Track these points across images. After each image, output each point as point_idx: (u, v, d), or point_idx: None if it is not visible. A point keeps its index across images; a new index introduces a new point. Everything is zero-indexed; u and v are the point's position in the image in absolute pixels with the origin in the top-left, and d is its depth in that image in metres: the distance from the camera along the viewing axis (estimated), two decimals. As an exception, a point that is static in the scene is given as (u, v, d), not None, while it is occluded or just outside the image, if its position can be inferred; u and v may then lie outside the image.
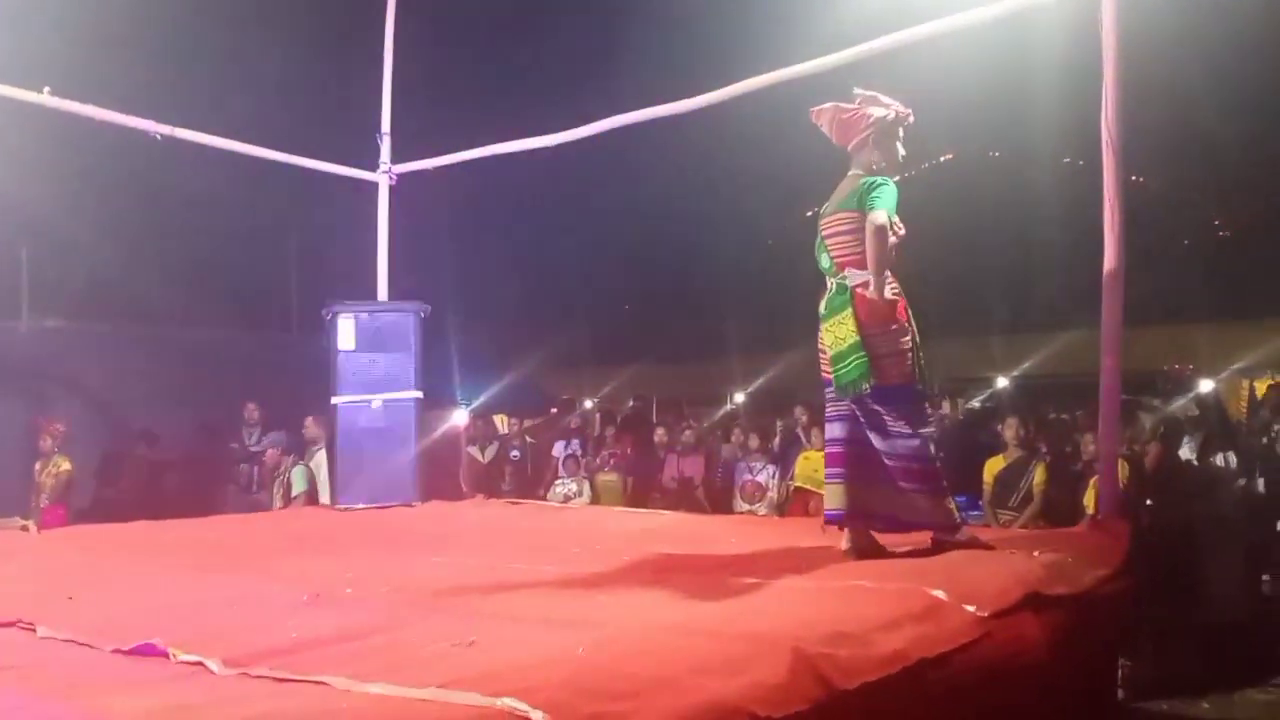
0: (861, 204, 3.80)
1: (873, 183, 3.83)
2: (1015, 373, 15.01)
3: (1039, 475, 6.30)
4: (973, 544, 3.82)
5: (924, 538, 3.92)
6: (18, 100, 5.60)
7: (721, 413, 13.52)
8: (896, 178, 3.95)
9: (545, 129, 6.51)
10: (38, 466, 7.46)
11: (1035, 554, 3.66)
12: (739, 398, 17.13)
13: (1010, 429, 6.60)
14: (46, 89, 5.63)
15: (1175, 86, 16.86)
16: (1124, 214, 4.28)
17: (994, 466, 6.57)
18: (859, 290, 3.79)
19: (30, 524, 5.60)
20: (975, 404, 11.88)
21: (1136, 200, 4.46)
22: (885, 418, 3.83)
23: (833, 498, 3.89)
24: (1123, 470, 4.86)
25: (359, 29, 8.20)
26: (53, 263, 10.77)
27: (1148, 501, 5.88)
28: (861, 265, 3.80)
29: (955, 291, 19.64)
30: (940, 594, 2.93)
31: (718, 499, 8.51)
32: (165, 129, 6.08)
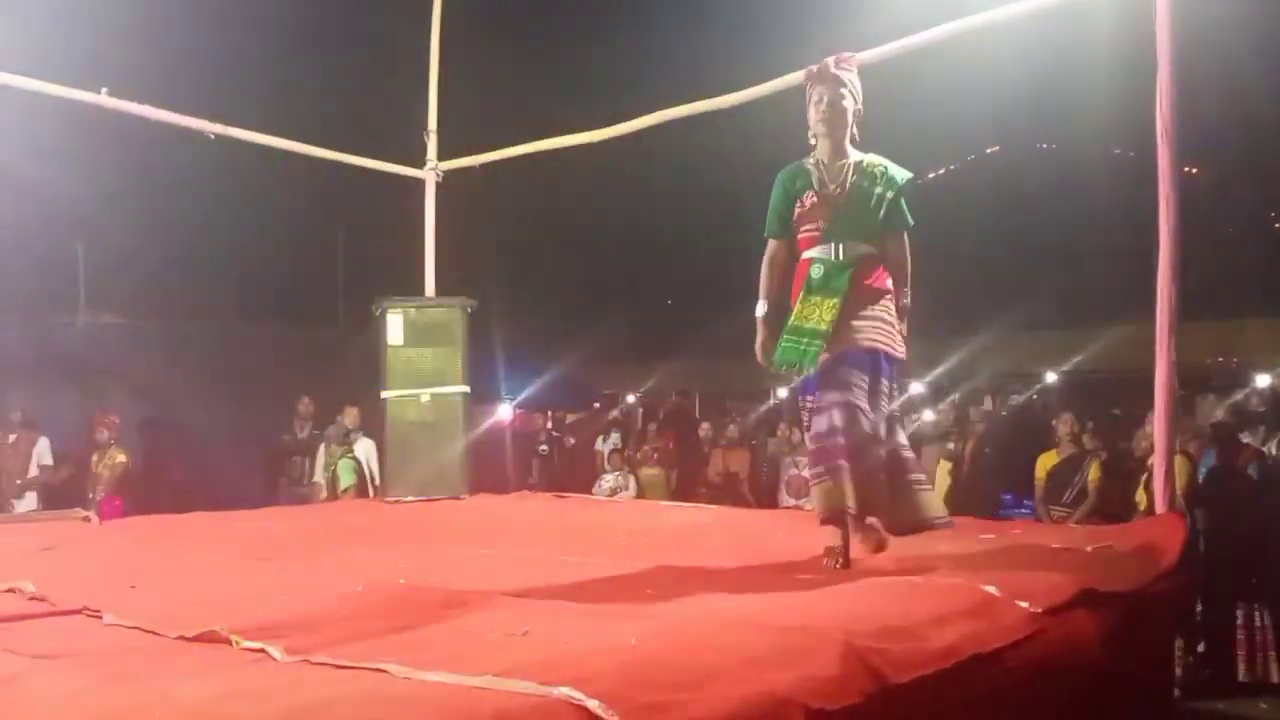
0: None
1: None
2: (1065, 367, 14.79)
3: (1093, 472, 6.23)
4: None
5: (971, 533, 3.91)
6: (76, 101, 5.73)
7: (765, 408, 13.49)
8: (809, 160, 3.80)
9: (591, 124, 6.52)
10: (95, 458, 7.65)
11: (1089, 550, 3.62)
12: (782, 393, 17.07)
13: (1064, 425, 6.53)
14: (104, 90, 5.74)
15: (1229, 75, 16.48)
16: (1180, 205, 4.20)
17: (1046, 462, 6.50)
18: None
19: (90, 515, 5.75)
20: (1022, 399, 11.74)
21: (1188, 192, 4.35)
22: None
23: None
24: (1180, 467, 4.78)
25: (405, 28, 8.29)
26: (108, 260, 11.01)
27: (1203, 499, 5.78)
28: None
29: (1003, 285, 19.39)
30: (992, 589, 2.91)
31: (763, 494, 8.52)
32: (218, 128, 6.19)
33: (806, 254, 3.67)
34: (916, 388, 11.41)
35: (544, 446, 10.42)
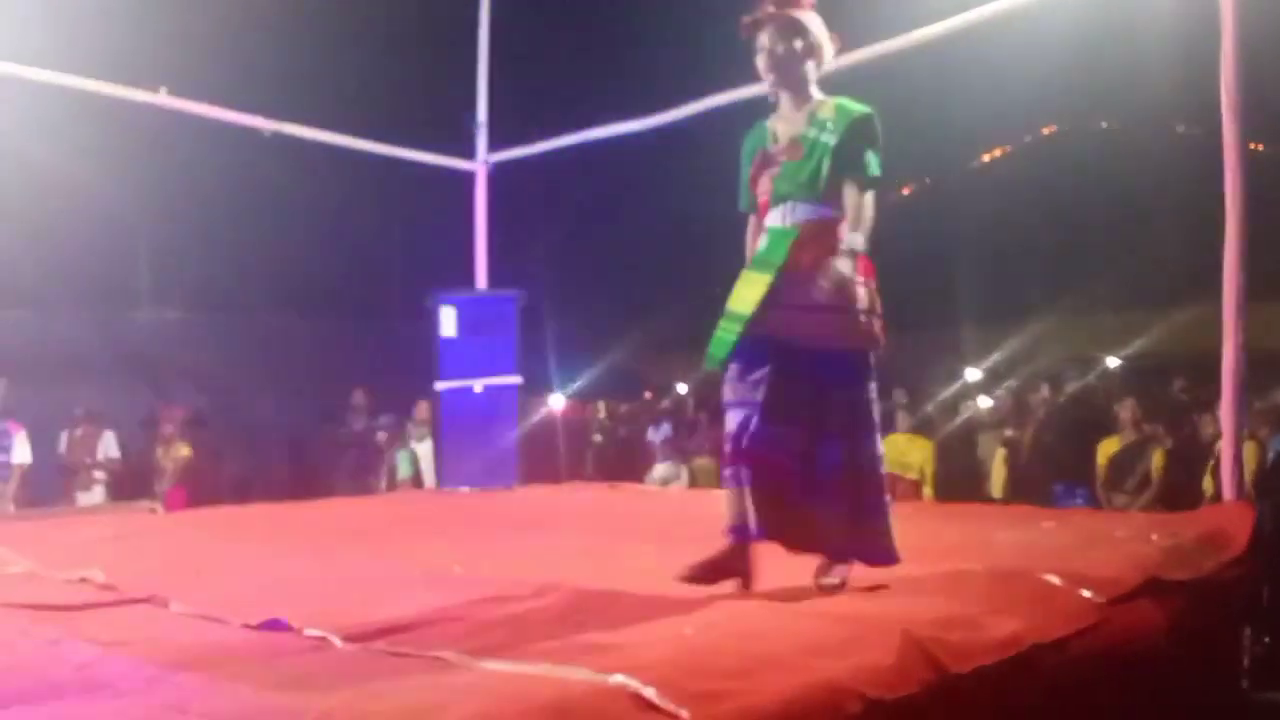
0: None
1: None
2: (1127, 352, 14.46)
3: (1157, 459, 6.10)
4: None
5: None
6: (137, 101, 5.86)
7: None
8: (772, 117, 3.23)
9: (641, 110, 6.51)
10: (159, 451, 7.85)
11: (1154, 538, 3.54)
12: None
13: (1126, 410, 6.39)
14: (163, 89, 5.86)
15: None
16: (1246, 182, 4.08)
17: (1108, 449, 6.38)
18: None
19: (156, 506, 5.90)
20: (1081, 384, 11.51)
21: (1254, 169, 4.22)
22: None
23: None
24: (1249, 453, 4.65)
25: (454, 19, 8.33)
26: (169, 256, 11.27)
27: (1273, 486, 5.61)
28: None
29: (1061, 267, 18.99)
30: (1054, 579, 2.86)
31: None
32: (273, 125, 6.29)
33: (764, 221, 3.10)
34: (973, 373, 11.24)
35: (598, 436, 10.46)
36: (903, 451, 7.58)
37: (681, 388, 15.23)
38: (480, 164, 7.29)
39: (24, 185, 8.55)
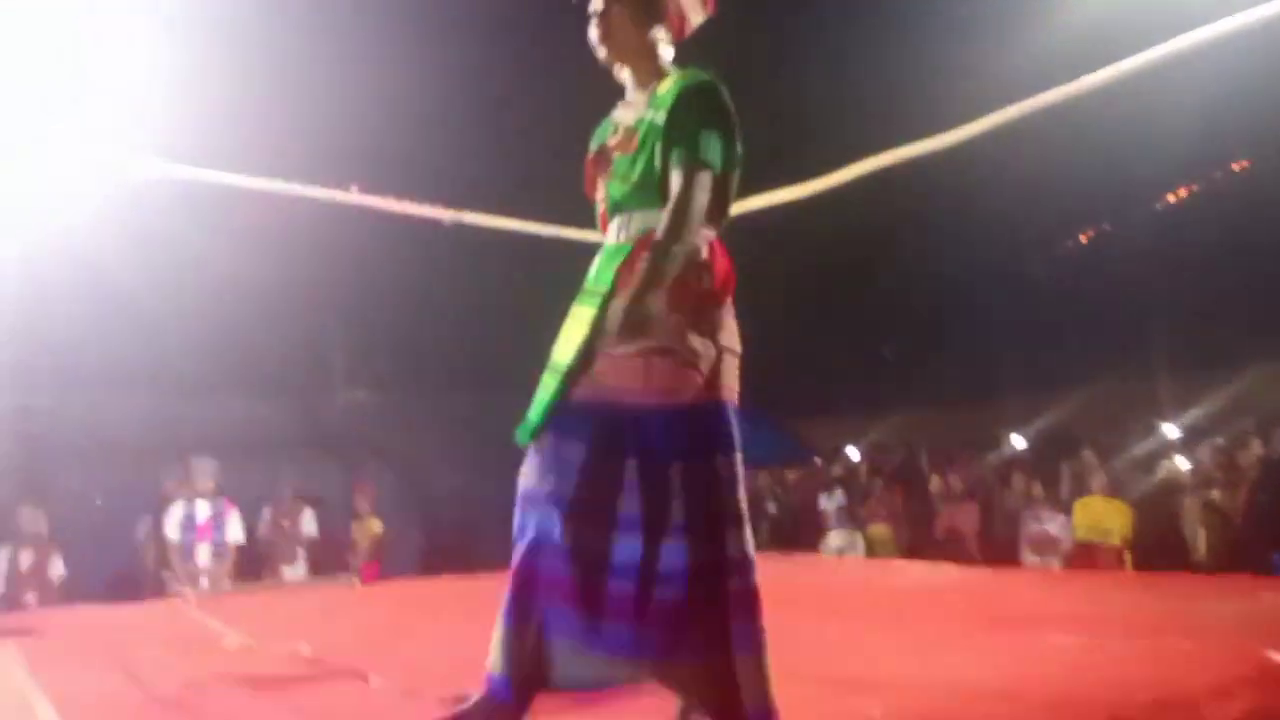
0: None
1: None
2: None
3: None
4: None
5: None
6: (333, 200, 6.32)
7: (996, 458, 12.80)
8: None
9: (792, 176, 6.54)
10: (354, 527, 8.28)
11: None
12: (1017, 440, 16.17)
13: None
14: (354, 186, 6.31)
15: None
16: None
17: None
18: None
19: (353, 580, 6.22)
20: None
21: None
22: None
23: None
24: None
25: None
26: (362, 339, 11.98)
27: None
28: None
29: (1263, 311, 17.56)
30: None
31: (995, 551, 8.02)
32: (454, 215, 6.63)
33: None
34: (1170, 429, 10.50)
35: (772, 506, 10.33)
36: (1100, 516, 7.11)
37: (853, 452, 14.92)
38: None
39: (229, 284, 9.34)
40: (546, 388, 2.20)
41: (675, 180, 2.15)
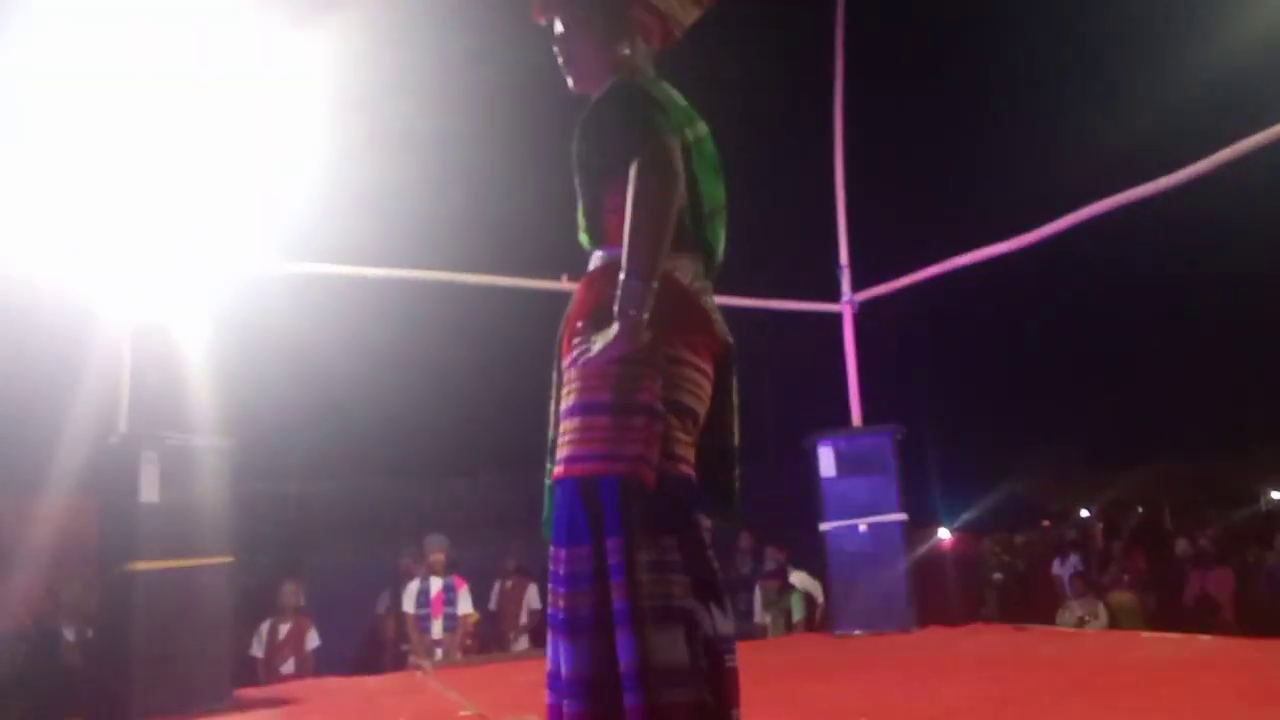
0: None
1: None
2: None
3: None
4: None
5: None
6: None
7: (1252, 514, 11.63)
8: None
9: (1005, 227, 6.37)
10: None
11: None
12: (1277, 495, 14.63)
13: None
14: (564, 276, 6.62)
15: None
16: None
17: None
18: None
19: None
20: None
21: None
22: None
23: None
24: None
25: (803, 162, 8.67)
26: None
27: None
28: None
29: None
30: None
31: (1255, 620, 7.23)
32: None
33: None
34: None
35: (998, 575, 9.80)
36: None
37: (1086, 514, 13.96)
38: (846, 303, 7.41)
39: (437, 376, 9.94)
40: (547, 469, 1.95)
41: (628, 187, 1.89)
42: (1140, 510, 12.98)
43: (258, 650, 7.19)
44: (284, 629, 7.29)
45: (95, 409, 4.92)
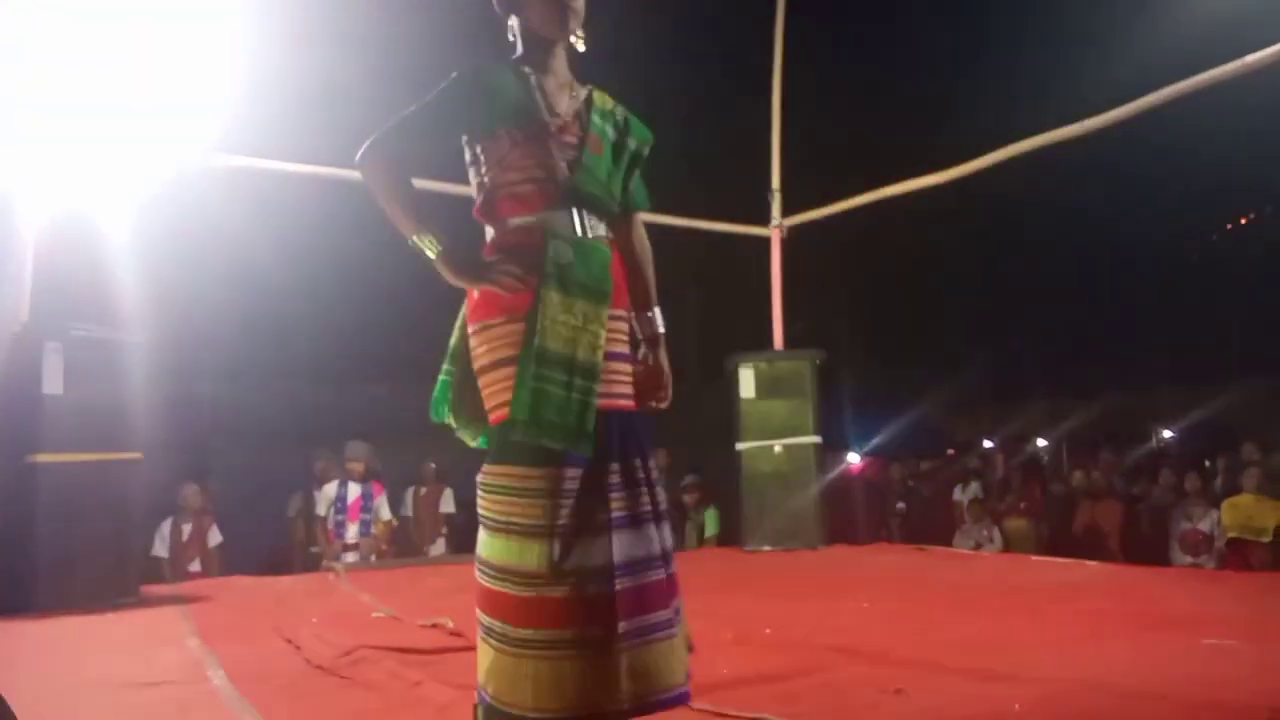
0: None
1: None
2: None
3: None
4: None
5: None
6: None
7: (1143, 451, 12.21)
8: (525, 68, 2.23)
9: (939, 157, 6.44)
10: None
11: None
12: (1166, 434, 15.37)
13: None
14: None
15: None
16: None
17: None
18: None
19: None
20: None
21: None
22: None
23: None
24: None
25: (743, 87, 8.59)
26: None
27: None
28: None
29: None
30: None
31: (1137, 549, 7.66)
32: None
33: (524, 219, 2.13)
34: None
35: (901, 505, 10.16)
36: (1250, 514, 6.74)
37: (988, 444, 14.48)
38: (774, 228, 7.44)
39: (361, 281, 9.76)
40: (588, 393, 2.05)
41: (641, 217, 2.37)
42: (1040, 442, 13.53)
43: (161, 550, 7.12)
44: (187, 529, 7.23)
45: (6, 300, 4.70)
